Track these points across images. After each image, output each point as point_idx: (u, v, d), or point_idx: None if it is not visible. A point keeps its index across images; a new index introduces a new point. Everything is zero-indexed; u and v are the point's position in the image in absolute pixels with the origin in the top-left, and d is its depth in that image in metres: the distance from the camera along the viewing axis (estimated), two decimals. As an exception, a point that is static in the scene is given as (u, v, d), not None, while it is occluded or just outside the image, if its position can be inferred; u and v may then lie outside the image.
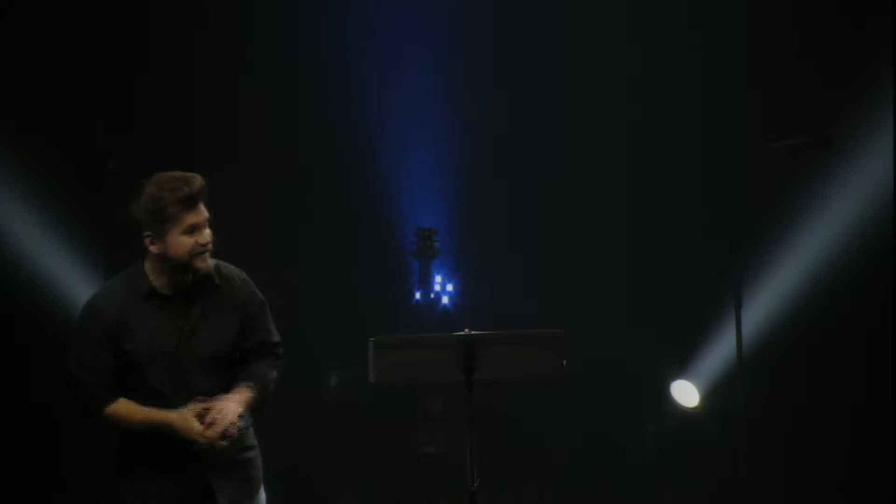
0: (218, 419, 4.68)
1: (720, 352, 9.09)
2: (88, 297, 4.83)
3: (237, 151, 9.39)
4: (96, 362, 4.70)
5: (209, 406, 4.70)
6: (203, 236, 4.73)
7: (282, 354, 4.99)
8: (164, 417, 4.67)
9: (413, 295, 9.64)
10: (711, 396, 9.26)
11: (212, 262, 4.82)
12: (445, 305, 9.65)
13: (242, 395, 4.80)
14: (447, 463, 9.01)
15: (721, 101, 9.35)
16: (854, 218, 9.01)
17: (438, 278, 9.66)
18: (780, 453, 9.05)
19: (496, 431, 8.60)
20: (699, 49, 9.36)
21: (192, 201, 4.70)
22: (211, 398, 4.74)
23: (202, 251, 4.73)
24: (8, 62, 8.86)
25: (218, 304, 4.83)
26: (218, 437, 4.68)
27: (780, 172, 8.67)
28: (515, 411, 9.21)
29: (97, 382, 4.70)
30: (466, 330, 5.34)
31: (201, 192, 4.72)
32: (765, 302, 9.10)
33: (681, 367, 9.36)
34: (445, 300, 9.66)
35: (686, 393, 9.33)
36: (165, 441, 4.69)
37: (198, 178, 4.73)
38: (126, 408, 4.72)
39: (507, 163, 9.71)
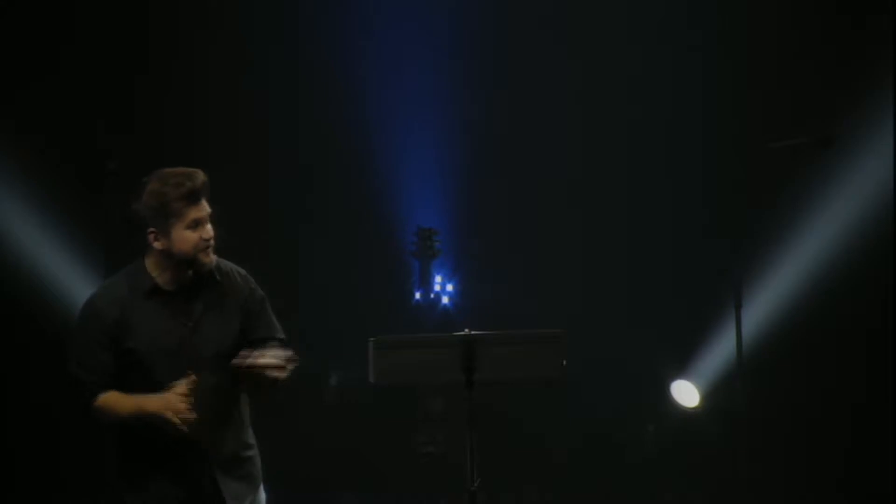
0: (258, 361, 4.63)
1: (720, 352, 9.08)
2: (88, 296, 4.82)
3: (237, 151, 9.38)
4: (96, 362, 4.69)
5: (249, 352, 4.66)
6: (206, 231, 4.73)
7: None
8: (154, 407, 4.60)
9: (413, 295, 9.64)
10: (711, 396, 9.25)
11: (213, 259, 4.82)
12: (445, 305, 9.64)
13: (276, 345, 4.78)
14: (447, 463, 9.00)
15: (721, 101, 9.35)
16: (854, 218, 9.00)
17: (438, 278, 9.66)
18: (780, 453, 9.05)
19: (496, 431, 8.59)
20: (699, 49, 9.35)
21: (196, 196, 4.70)
22: (216, 395, 4.72)
23: (206, 246, 4.74)
24: (8, 62, 8.86)
25: (219, 301, 4.82)
26: (261, 371, 4.62)
27: (780, 172, 8.66)
28: (515, 411, 9.20)
29: (97, 382, 4.68)
30: (466, 330, 5.33)
31: (204, 188, 4.73)
32: (765, 302, 9.10)
33: (681, 367, 9.36)
34: (445, 300, 9.66)
35: (686, 393, 9.33)
36: (166, 441, 4.67)
37: (200, 173, 4.74)
38: (116, 398, 4.68)
39: (507, 163, 9.71)
